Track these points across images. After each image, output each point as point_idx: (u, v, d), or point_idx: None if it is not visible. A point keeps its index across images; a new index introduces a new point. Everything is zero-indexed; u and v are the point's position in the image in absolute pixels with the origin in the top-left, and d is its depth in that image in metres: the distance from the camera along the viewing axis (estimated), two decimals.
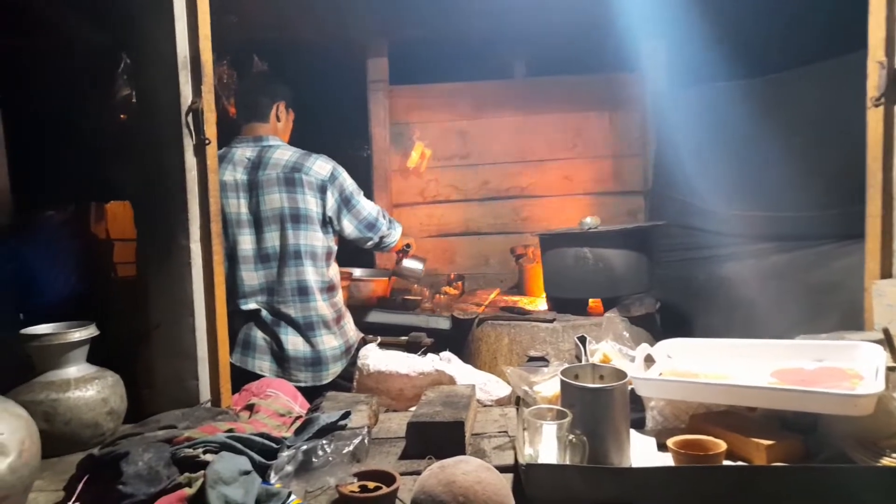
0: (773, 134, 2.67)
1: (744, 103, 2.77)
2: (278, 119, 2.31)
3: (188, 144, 1.53)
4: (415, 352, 2.34)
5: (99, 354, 1.53)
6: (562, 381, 1.15)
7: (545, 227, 3.39)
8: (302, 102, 2.46)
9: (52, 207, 3.10)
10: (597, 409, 1.10)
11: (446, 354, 1.98)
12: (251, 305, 2.18)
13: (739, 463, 1.19)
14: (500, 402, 1.81)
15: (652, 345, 1.52)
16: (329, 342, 2.24)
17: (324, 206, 2.19)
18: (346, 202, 2.23)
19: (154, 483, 1.06)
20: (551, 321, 2.54)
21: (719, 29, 2.77)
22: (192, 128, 1.52)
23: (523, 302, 2.99)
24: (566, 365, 1.52)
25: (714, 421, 1.26)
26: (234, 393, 1.70)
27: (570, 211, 3.59)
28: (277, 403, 1.49)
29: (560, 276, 2.69)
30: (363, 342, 2.44)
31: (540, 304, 2.93)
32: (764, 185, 2.81)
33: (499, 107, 3.67)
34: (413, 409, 1.83)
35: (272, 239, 2.17)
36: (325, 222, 2.22)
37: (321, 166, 2.20)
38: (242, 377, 2.00)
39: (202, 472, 1.10)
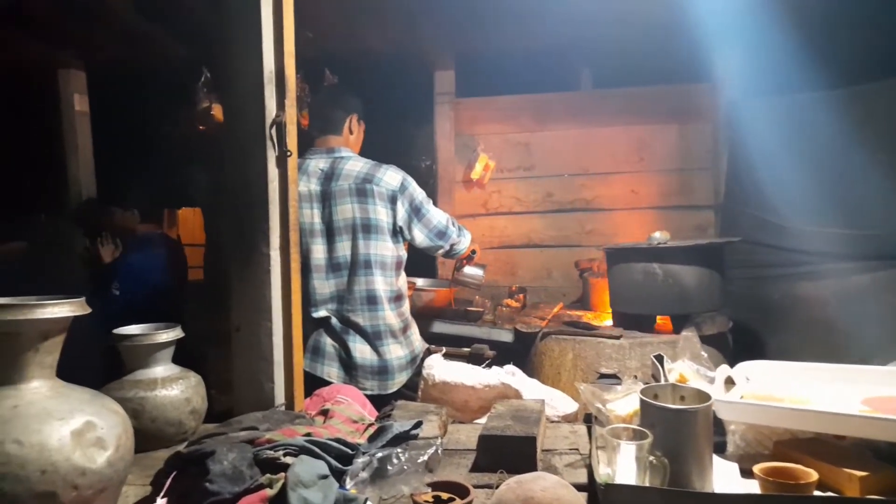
0: (857, 148, 2.56)
1: (826, 115, 2.65)
2: (351, 131, 2.37)
3: (271, 156, 1.58)
4: (478, 363, 2.34)
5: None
6: (642, 401, 1.13)
7: (609, 241, 3.34)
8: (368, 112, 2.52)
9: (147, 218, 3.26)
10: (679, 430, 1.07)
11: (510, 368, 1.97)
12: (321, 313, 2.23)
13: (830, 494, 1.13)
14: (567, 419, 1.78)
15: (724, 365, 1.47)
16: (395, 352, 2.27)
17: (394, 216, 2.23)
18: (416, 211, 2.26)
19: (238, 482, 1.10)
20: (618, 337, 2.49)
21: (798, 37, 2.67)
22: (275, 140, 1.58)
23: (588, 317, 2.94)
24: (640, 383, 1.48)
25: (802, 448, 1.21)
26: (304, 397, 1.74)
27: (636, 225, 3.52)
28: (350, 410, 1.52)
29: (627, 291, 2.63)
30: (427, 352, 2.46)
31: (605, 319, 2.88)
32: (846, 201, 2.69)
33: (563, 119, 3.65)
34: (478, 420, 1.84)
35: (343, 248, 2.22)
36: (396, 232, 2.25)
37: (391, 177, 2.24)
38: (311, 383, 2.05)
39: (282, 473, 1.13)
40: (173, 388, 1.47)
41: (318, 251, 2.23)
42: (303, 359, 1.75)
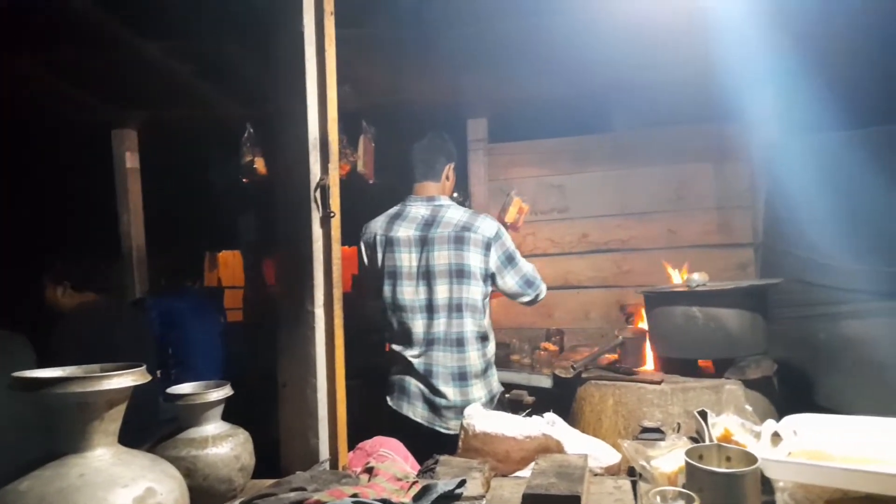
0: None
1: (863, 153, 2.62)
2: (448, 178, 2.51)
3: (315, 217, 1.65)
4: (516, 410, 2.34)
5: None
6: (687, 464, 1.12)
7: (648, 281, 3.32)
8: (404, 161, 2.59)
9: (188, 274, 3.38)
10: (728, 494, 1.06)
11: (550, 416, 1.96)
12: (411, 353, 2.34)
13: None
14: (610, 471, 1.76)
15: (770, 411, 1.45)
16: (477, 392, 2.35)
17: (487, 262, 2.33)
18: (509, 259, 2.37)
19: None
20: (659, 382, 2.46)
21: (831, 75, 2.66)
22: (319, 202, 1.64)
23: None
24: (684, 437, 1.47)
25: None
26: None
27: (674, 264, 3.49)
28: (395, 467, 1.54)
29: (667, 335, 2.61)
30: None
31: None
32: (890, 238, 2.63)
33: (598, 160, 3.68)
34: (519, 472, 1.83)
35: (440, 292, 2.33)
36: (487, 277, 2.36)
37: (489, 226, 2.36)
38: (396, 421, 2.29)
39: None
40: (224, 445, 1.50)
41: (412, 293, 2.34)
42: (345, 412, 1.78)
